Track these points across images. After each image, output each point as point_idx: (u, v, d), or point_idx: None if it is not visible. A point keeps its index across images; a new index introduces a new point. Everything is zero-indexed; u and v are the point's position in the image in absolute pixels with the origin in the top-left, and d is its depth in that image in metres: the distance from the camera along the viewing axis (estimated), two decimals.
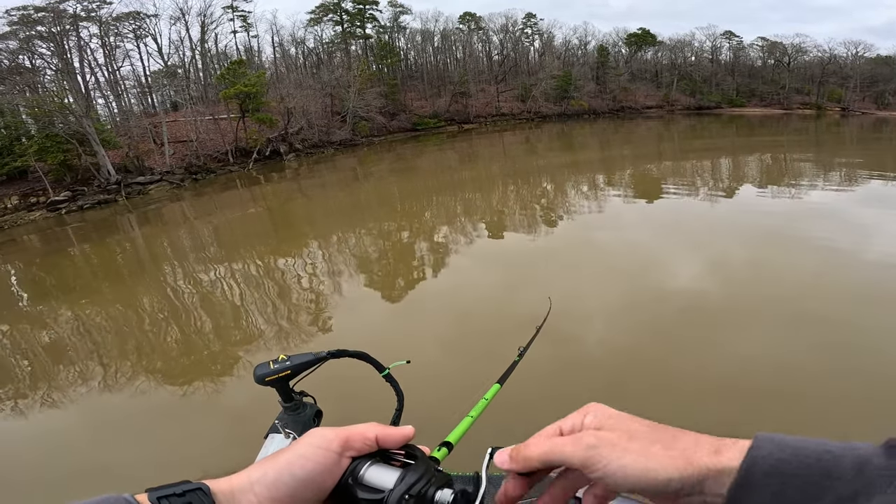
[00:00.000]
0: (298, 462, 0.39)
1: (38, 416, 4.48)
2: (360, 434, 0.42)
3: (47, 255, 12.47)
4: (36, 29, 20.01)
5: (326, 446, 0.40)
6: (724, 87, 47.57)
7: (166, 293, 7.92)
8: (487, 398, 0.97)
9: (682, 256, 7.21)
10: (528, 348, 1.34)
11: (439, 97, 39.22)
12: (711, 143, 25.71)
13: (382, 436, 0.42)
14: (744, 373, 3.96)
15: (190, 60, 29.48)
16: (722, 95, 46.85)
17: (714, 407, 3.53)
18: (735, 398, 3.62)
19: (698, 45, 49.05)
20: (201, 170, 22.62)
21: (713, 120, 39.93)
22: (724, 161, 18.51)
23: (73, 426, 4.27)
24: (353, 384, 2.21)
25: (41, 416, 4.47)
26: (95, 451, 3.74)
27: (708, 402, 3.63)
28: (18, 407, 4.67)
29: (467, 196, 14.56)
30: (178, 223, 14.90)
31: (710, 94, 46.36)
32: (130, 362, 5.31)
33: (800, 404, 3.51)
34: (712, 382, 3.90)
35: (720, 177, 15.43)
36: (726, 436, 0.33)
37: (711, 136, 29.74)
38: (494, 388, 1.04)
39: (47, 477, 3.45)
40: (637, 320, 5.13)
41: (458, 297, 6.16)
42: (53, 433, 4.17)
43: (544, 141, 30.87)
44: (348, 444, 0.41)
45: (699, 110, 45.00)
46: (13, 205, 19.14)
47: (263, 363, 0.98)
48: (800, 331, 4.66)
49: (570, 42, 47.69)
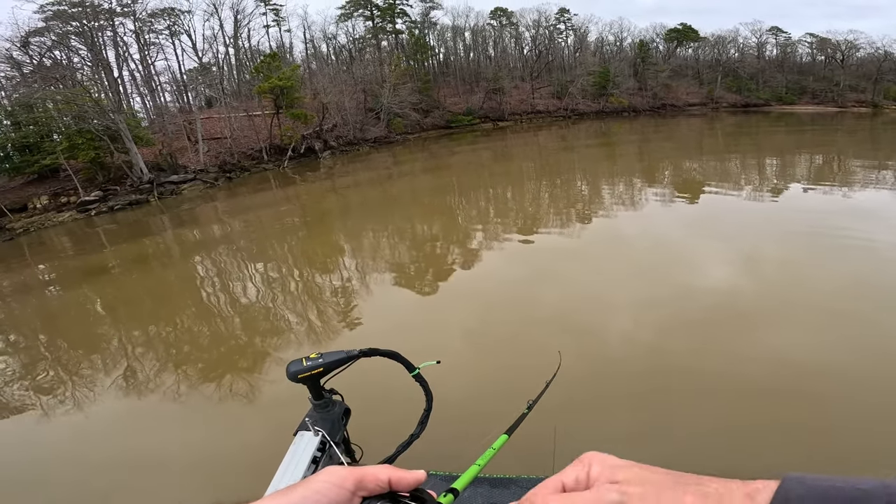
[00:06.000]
0: (313, 497, 0.40)
1: (104, 404, 4.54)
2: (373, 475, 0.42)
3: (79, 263, 11.43)
4: (72, 24, 19.28)
5: (340, 484, 0.41)
6: (772, 84, 44.86)
7: (203, 296, 7.72)
8: (495, 448, 0.97)
9: (728, 258, 6.58)
10: (538, 402, 1.36)
11: (473, 94, 37.79)
12: (758, 140, 23.83)
13: (395, 479, 0.43)
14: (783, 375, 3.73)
15: (224, 56, 28.73)
16: (771, 92, 44.19)
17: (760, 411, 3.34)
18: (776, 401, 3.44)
19: (742, 41, 46.48)
20: (235, 168, 21.62)
21: (761, 118, 37.67)
22: (770, 158, 16.94)
23: (115, 415, 4.30)
24: (381, 382, 2.30)
25: (106, 404, 4.53)
26: (129, 441, 3.80)
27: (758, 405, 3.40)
28: (72, 397, 4.71)
29: (501, 195, 13.68)
30: (211, 228, 13.82)
31: (757, 91, 43.75)
32: (170, 358, 5.35)
33: (844, 408, 3.33)
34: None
35: (768, 174, 13.80)
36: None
37: (758, 133, 27.81)
38: (502, 439, 1.04)
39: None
40: (681, 321, 4.78)
41: (490, 297, 5.89)
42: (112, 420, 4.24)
43: (581, 139, 29.18)
44: (361, 484, 0.42)
45: (746, 107, 42.50)
46: (42, 205, 18.38)
47: (296, 360, 1.02)
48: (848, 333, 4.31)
49: (605, 38, 45.74)
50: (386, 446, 1.19)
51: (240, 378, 4.64)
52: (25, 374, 5.63)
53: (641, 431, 3.21)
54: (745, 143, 22.05)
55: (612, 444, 2.79)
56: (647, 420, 3.34)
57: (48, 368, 5.74)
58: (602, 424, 3.35)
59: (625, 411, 3.47)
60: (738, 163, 16.19)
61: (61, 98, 17.09)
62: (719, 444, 3.10)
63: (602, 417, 3.44)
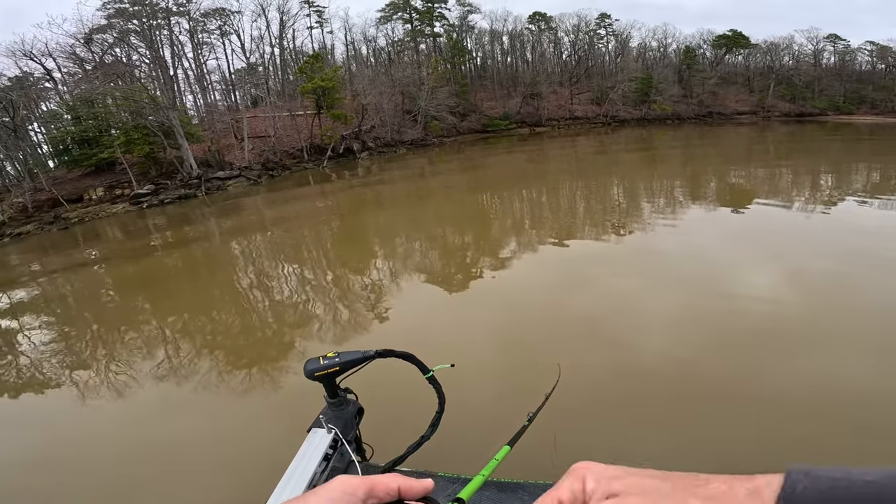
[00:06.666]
0: None
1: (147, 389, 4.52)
2: (383, 484, 0.44)
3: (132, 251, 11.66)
4: (132, 22, 20.06)
5: (353, 492, 0.42)
6: (829, 93, 42.38)
7: (240, 285, 7.78)
8: (498, 459, 0.99)
9: (774, 274, 5.95)
10: (538, 414, 1.41)
11: (510, 98, 37.34)
12: (812, 151, 22.31)
13: (405, 487, 0.44)
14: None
15: (269, 57, 29.40)
16: (827, 101, 41.73)
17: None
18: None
19: (798, 49, 44.17)
20: (277, 166, 21.93)
21: (816, 127, 35.55)
22: (825, 170, 15.70)
23: (147, 402, 4.29)
24: (395, 383, 2.20)
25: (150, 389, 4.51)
26: (162, 427, 3.81)
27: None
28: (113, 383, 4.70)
29: (536, 200, 13.25)
30: (253, 222, 13.99)
31: (812, 100, 41.40)
32: (205, 344, 5.39)
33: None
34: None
35: (822, 186, 12.70)
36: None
37: (813, 144, 26.15)
38: (505, 450, 1.07)
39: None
40: (718, 340, 4.35)
41: (517, 301, 5.69)
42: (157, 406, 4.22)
43: (622, 146, 28.19)
44: (372, 493, 0.43)
45: (800, 117, 40.26)
46: (98, 196, 19.11)
47: (314, 358, 1.06)
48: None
49: (648, 43, 44.38)
50: (396, 446, 1.19)
51: (263, 369, 4.69)
52: (61, 349, 5.86)
53: (666, 451, 2.88)
54: (798, 154, 20.75)
55: (632, 460, 2.38)
56: (672, 440, 3.02)
57: (86, 344, 5.95)
58: (621, 438, 3.08)
59: (649, 427, 3.18)
60: (790, 174, 15.15)
61: (121, 94, 17.74)
62: (750, 467, 2.63)
63: (621, 431, 3.17)
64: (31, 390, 4.97)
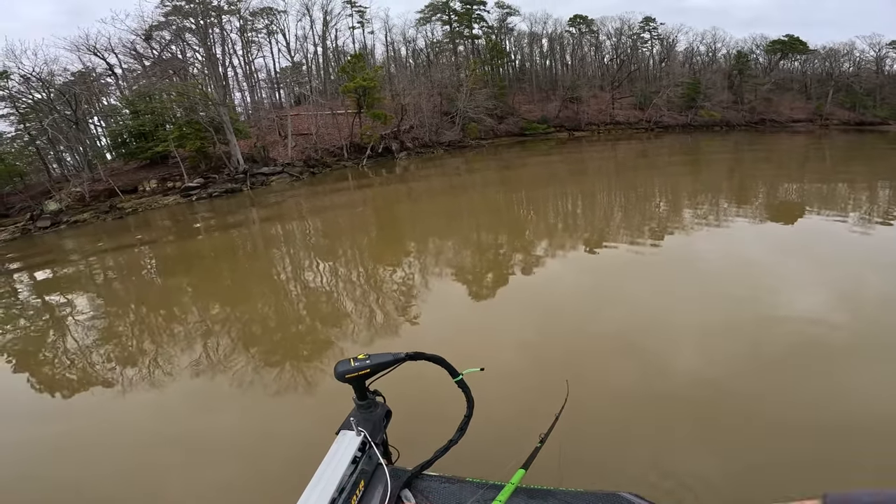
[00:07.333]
0: None
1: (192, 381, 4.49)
2: None
3: (183, 236, 11.94)
4: (189, 20, 20.80)
5: None
6: (892, 102, 39.55)
7: (278, 279, 7.87)
8: (514, 483, 1.00)
9: (824, 292, 5.42)
10: (549, 435, 1.40)
11: (549, 102, 36.67)
12: (872, 161, 20.56)
13: None
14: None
15: (312, 56, 29.98)
16: (890, 110, 38.94)
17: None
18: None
19: (859, 55, 41.46)
20: (318, 163, 22.22)
21: (877, 137, 33.13)
22: (885, 182, 14.17)
23: (175, 396, 4.23)
24: (424, 385, 2.27)
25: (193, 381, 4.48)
26: (190, 421, 3.81)
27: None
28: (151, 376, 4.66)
29: (573, 206, 12.75)
30: (294, 216, 14.20)
31: (874, 108, 38.72)
32: (241, 338, 5.38)
33: None
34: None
35: (881, 199, 11.45)
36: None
37: (873, 153, 24.25)
38: (519, 474, 1.07)
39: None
40: (757, 361, 3.93)
41: (548, 307, 5.51)
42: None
43: (666, 153, 27.05)
44: None
45: (860, 125, 37.70)
46: (151, 188, 19.86)
47: (345, 360, 1.07)
48: None
49: (695, 48, 42.68)
50: (424, 449, 1.19)
51: (298, 367, 4.63)
52: (103, 336, 5.92)
53: (695, 473, 2.65)
54: (857, 164, 19.27)
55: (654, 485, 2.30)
56: (703, 461, 2.81)
57: (129, 330, 6.01)
58: (647, 456, 2.89)
59: (678, 445, 2.95)
60: (847, 186, 13.97)
61: (176, 90, 18.38)
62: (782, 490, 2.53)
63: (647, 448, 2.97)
64: (73, 374, 5.00)
